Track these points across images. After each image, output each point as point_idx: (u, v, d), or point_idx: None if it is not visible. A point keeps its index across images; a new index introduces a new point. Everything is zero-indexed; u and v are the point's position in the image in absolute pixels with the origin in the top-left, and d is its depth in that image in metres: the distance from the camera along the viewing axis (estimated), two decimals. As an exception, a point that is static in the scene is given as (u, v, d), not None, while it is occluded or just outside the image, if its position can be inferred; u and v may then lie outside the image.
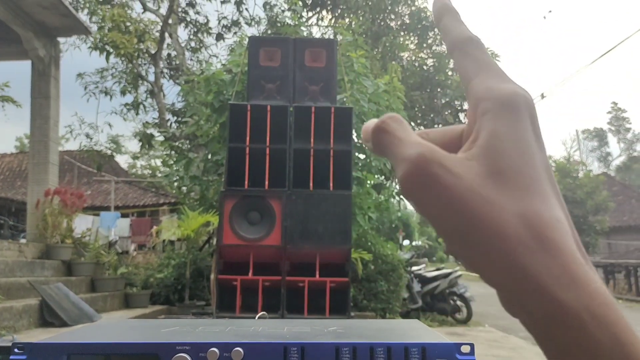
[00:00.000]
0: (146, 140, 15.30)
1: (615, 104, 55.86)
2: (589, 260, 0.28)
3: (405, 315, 8.95)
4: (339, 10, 16.20)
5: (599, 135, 50.40)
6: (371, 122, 0.33)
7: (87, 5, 15.04)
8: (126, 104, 16.16)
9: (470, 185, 0.28)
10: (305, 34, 9.70)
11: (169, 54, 16.50)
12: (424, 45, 17.04)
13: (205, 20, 16.50)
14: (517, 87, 0.31)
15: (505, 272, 0.28)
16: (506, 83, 0.31)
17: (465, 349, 0.56)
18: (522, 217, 0.28)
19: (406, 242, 22.93)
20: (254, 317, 0.94)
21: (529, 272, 0.27)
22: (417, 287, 9.52)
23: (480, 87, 0.32)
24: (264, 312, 0.98)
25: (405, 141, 0.31)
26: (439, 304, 9.64)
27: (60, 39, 9.30)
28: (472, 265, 0.29)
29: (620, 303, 16.06)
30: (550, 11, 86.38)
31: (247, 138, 4.79)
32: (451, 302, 9.62)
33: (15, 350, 0.53)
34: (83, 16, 13.79)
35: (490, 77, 0.32)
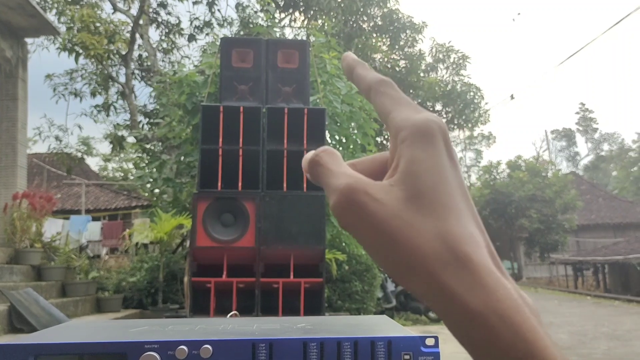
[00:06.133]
0: (117, 143, 15.09)
1: (583, 104, 57.15)
2: (502, 267, 0.32)
3: (380, 314, 9.00)
4: (312, 12, 16.22)
5: (568, 136, 51.44)
6: (309, 155, 0.37)
7: (55, 5, 14.75)
8: (96, 106, 15.90)
9: (392, 210, 0.32)
10: (277, 35, 9.68)
11: (140, 55, 16.29)
12: (396, 47, 17.17)
13: (177, 21, 16.35)
14: (430, 115, 0.34)
15: (427, 286, 0.31)
16: (420, 113, 0.35)
17: (430, 341, 0.57)
18: (438, 235, 0.31)
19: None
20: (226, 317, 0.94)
21: (445, 284, 0.30)
22: (391, 286, 9.58)
23: (397, 118, 0.35)
24: (235, 312, 0.98)
25: (336, 173, 0.34)
26: (413, 303, 9.72)
27: (28, 40, 9.11)
28: (401, 282, 0.33)
29: (588, 299, 16.45)
30: (519, 13, 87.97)
31: (220, 139, 4.75)
32: (425, 301, 9.70)
33: (-19, 352, 0.53)
34: (51, 16, 13.54)
35: (406, 110, 0.35)
